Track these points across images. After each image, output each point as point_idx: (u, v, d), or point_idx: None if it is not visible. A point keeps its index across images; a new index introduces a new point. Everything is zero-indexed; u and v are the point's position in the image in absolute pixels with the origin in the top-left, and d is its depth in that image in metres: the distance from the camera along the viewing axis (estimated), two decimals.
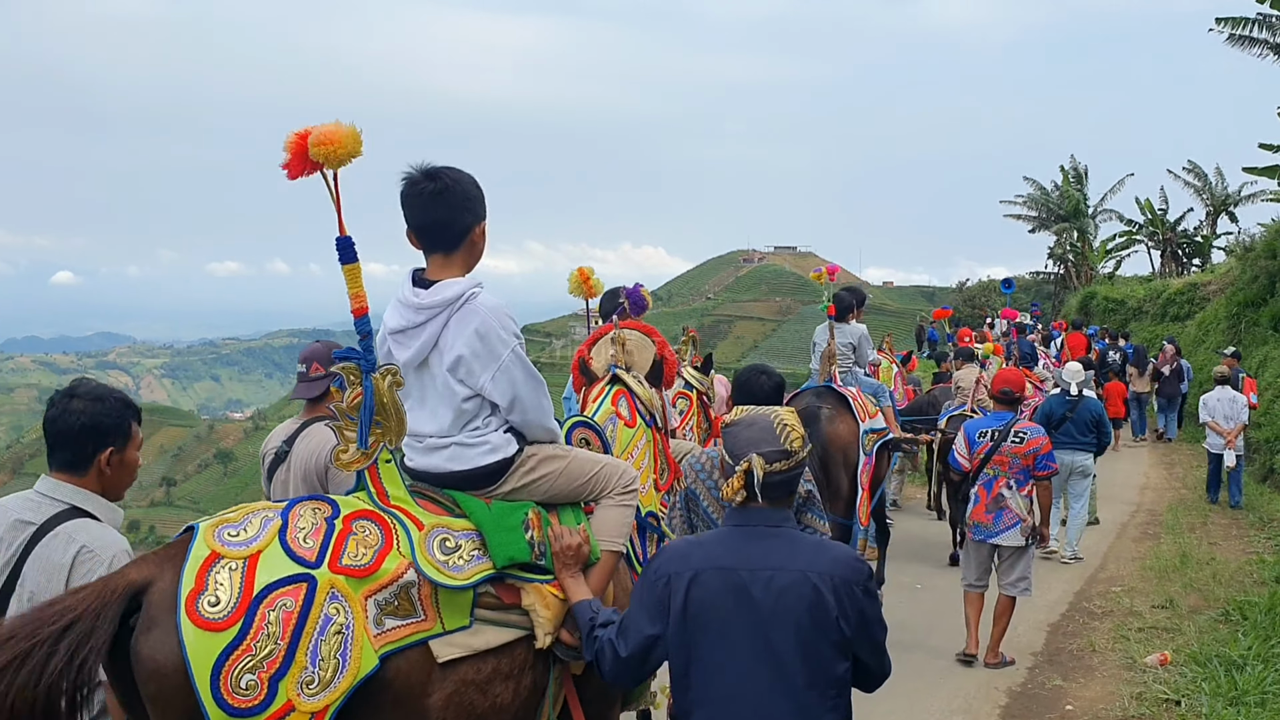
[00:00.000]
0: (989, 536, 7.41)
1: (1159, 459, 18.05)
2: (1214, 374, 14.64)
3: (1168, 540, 11.26)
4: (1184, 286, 30.59)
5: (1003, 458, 7.50)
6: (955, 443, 8.03)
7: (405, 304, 3.23)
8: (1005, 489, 7.48)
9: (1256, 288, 22.70)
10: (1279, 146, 20.11)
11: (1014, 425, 7.62)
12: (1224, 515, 12.68)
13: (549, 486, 3.40)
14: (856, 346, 9.07)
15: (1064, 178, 41.27)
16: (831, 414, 8.16)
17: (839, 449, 7.99)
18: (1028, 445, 7.48)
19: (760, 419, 2.94)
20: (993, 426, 7.68)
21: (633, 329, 4.70)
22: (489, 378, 3.20)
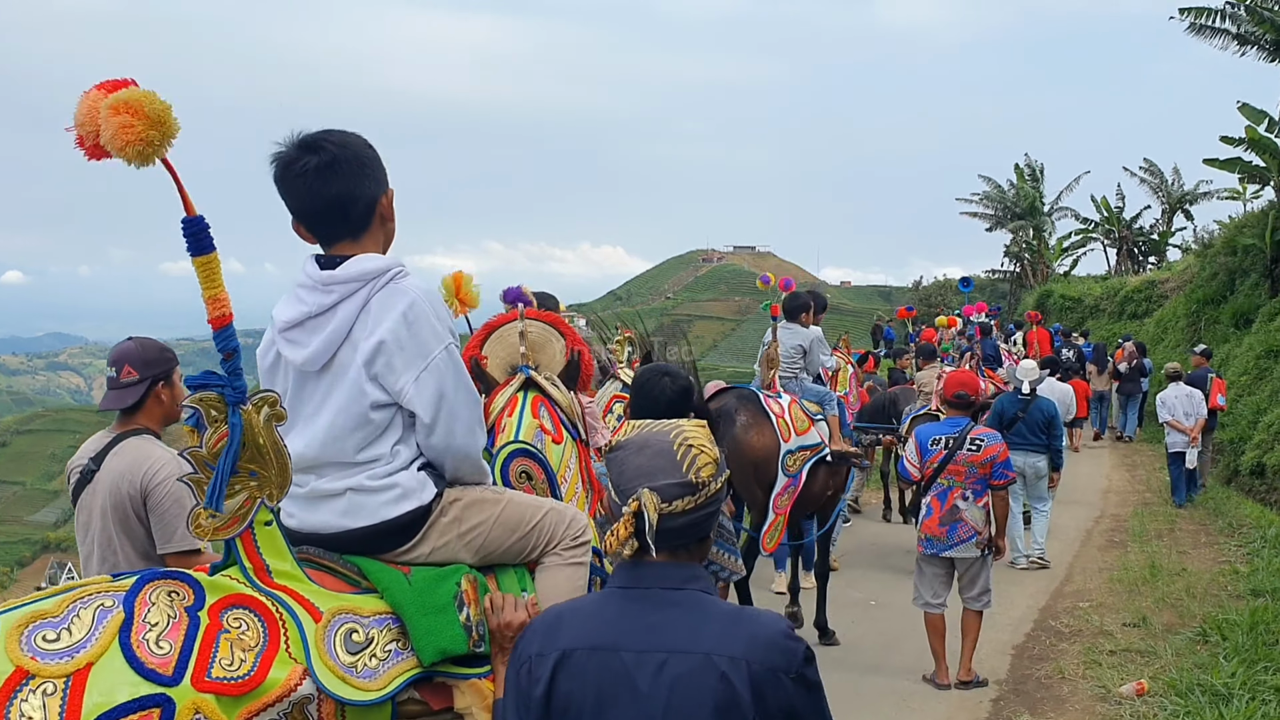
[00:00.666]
0: (942, 550, 6.80)
1: (1120, 460, 17.54)
2: (1166, 370, 14.13)
3: (1135, 549, 10.65)
4: (1141, 284, 30.34)
5: (958, 467, 6.85)
6: (905, 450, 7.36)
7: (308, 285, 2.48)
8: (960, 500, 6.83)
9: (1216, 285, 22.40)
10: (1240, 140, 19.71)
11: (970, 432, 6.90)
12: (1191, 521, 12.11)
13: (480, 543, 2.62)
14: (807, 351, 8.33)
15: (1019, 175, 40.98)
16: (749, 422, 7.38)
17: (749, 462, 7.20)
18: (985, 453, 6.84)
19: (655, 439, 2.10)
20: (946, 433, 7.01)
21: (534, 319, 3.82)
22: (412, 379, 2.44)
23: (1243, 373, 17.20)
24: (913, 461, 7.10)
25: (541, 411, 3.56)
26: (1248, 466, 14.68)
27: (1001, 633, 7.80)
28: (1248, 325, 19.41)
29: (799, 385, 8.25)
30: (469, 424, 2.58)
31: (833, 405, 8.31)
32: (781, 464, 7.43)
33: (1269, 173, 20.04)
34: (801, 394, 8.09)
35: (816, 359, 8.50)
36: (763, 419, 7.38)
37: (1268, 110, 19.59)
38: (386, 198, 2.57)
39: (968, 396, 7.17)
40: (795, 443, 7.49)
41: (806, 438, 7.65)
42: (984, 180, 42.44)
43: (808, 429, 7.72)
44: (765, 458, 7.30)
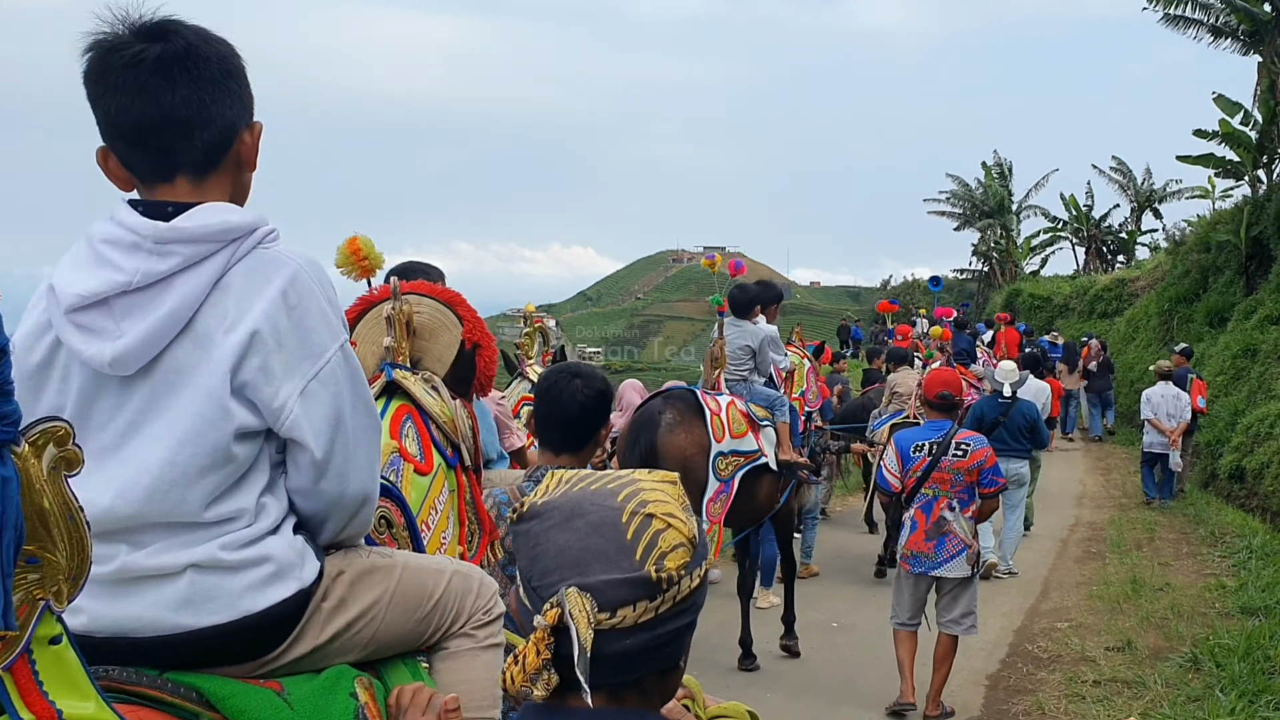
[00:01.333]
0: (930, 568, 6.10)
1: (1094, 463, 16.96)
2: (1155, 369, 13.55)
3: (1114, 560, 10.00)
4: (1111, 282, 29.92)
5: (943, 474, 6.18)
6: (884, 458, 6.65)
7: (124, 243, 1.64)
8: (947, 511, 6.16)
9: (1188, 283, 21.93)
10: (1213, 133, 19.23)
11: (955, 436, 6.25)
12: (1171, 529, 11.49)
13: (372, 632, 1.84)
14: (757, 350, 7.61)
15: (987, 174, 40.57)
16: (674, 421, 6.66)
17: (674, 465, 6.41)
18: (972, 458, 6.18)
19: (593, 504, 1.29)
20: (930, 438, 6.32)
21: (420, 294, 2.85)
22: (296, 391, 1.66)
23: (1219, 372, 16.67)
24: (893, 471, 6.41)
25: (405, 429, 2.65)
26: (1226, 470, 14.12)
27: (974, 659, 7.10)
28: (1222, 324, 18.91)
29: (747, 388, 7.53)
30: (369, 458, 1.81)
31: (783, 411, 7.60)
32: (712, 466, 6.70)
33: (1243, 168, 19.59)
34: (750, 397, 7.39)
35: (768, 360, 7.81)
36: (693, 417, 6.69)
37: (1242, 102, 19.13)
38: (252, 133, 1.79)
39: (952, 397, 6.49)
40: (728, 445, 6.76)
41: (742, 442, 6.92)
42: (952, 179, 42.03)
43: (745, 433, 7.00)
44: (694, 458, 6.59)
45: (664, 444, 6.51)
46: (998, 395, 10.13)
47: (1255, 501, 13.10)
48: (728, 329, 7.45)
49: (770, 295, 8.31)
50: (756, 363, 7.59)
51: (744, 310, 7.60)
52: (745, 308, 7.59)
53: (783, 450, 7.27)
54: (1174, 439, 12.82)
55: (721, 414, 6.79)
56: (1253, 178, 19.54)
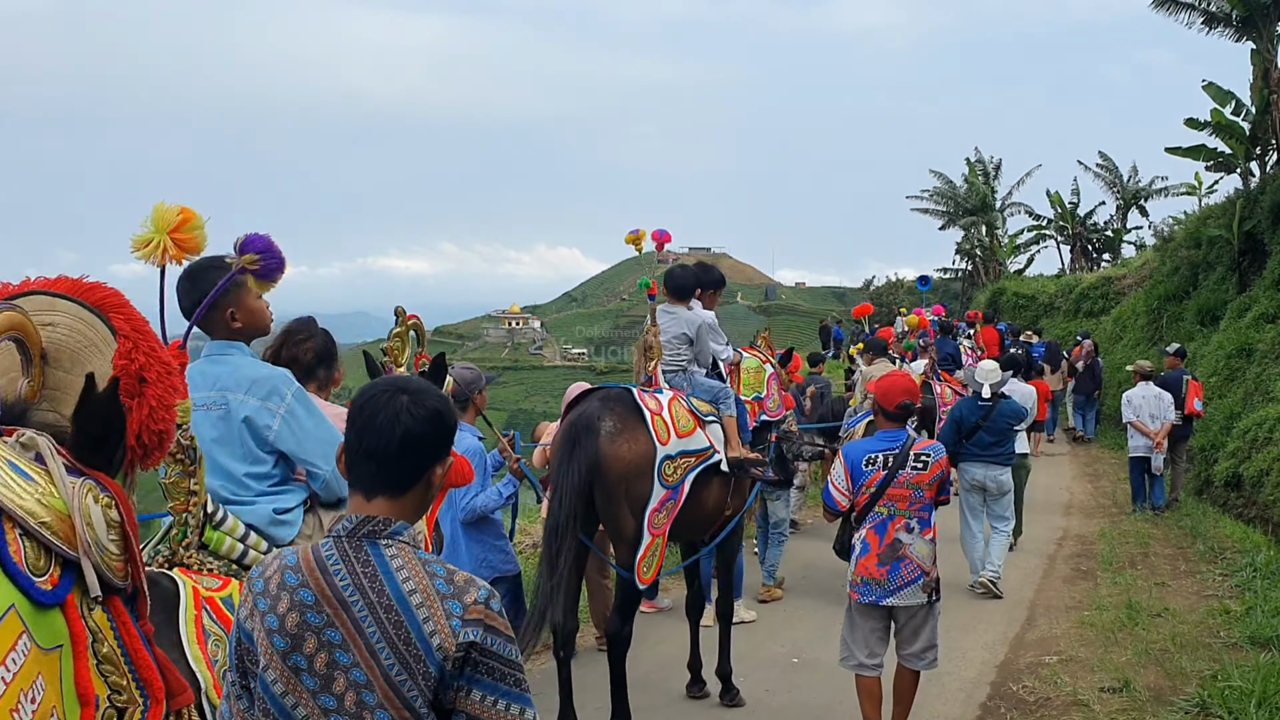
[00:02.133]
0: (883, 597, 5.34)
1: (1081, 469, 16.13)
2: (1136, 368, 12.72)
3: (1106, 580, 9.15)
4: (1098, 280, 29.18)
5: (900, 490, 5.43)
6: (831, 472, 5.81)
7: None
8: (904, 532, 5.42)
9: (1178, 280, 21.17)
10: (1204, 124, 18.41)
11: (913, 446, 5.50)
12: (1166, 543, 10.64)
13: None
14: (694, 339, 6.76)
15: (970, 170, 39.77)
16: (615, 429, 5.86)
17: (618, 477, 5.74)
18: (932, 470, 5.46)
19: None
20: (884, 449, 5.55)
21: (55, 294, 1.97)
22: None
23: (1212, 373, 15.86)
24: (841, 487, 5.61)
25: None
26: (1222, 477, 13.31)
27: (951, 703, 6.23)
28: (1214, 322, 18.13)
29: (688, 379, 6.76)
30: None
31: (730, 404, 6.76)
32: (658, 472, 5.88)
33: (1235, 159, 18.79)
34: (691, 389, 6.64)
35: (707, 349, 6.97)
36: (634, 420, 5.89)
37: (1235, 91, 18.33)
38: None
39: (911, 406, 5.71)
40: (675, 446, 5.97)
41: (690, 440, 6.13)
42: (935, 175, 41.22)
43: (692, 430, 6.18)
44: (638, 467, 5.80)
45: (607, 455, 5.73)
46: (977, 397, 9.29)
47: (1254, 511, 12.29)
48: (661, 316, 6.67)
49: (710, 279, 7.46)
50: (695, 352, 6.79)
51: (681, 294, 6.81)
52: (683, 292, 6.80)
53: (731, 447, 6.53)
54: (1158, 441, 12.03)
55: (663, 413, 6.02)
56: (1244, 170, 18.75)
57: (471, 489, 5.93)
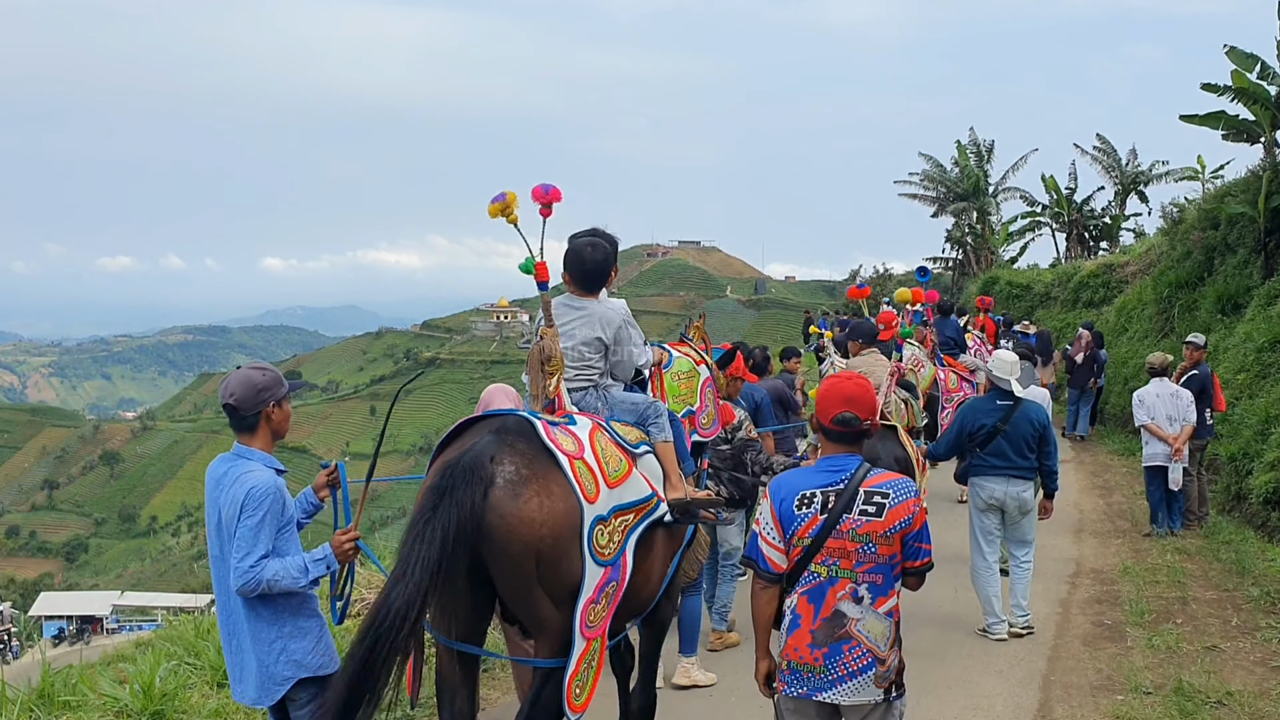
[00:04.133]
0: (817, 689, 3.73)
1: (1089, 480, 14.04)
2: (1150, 362, 10.63)
3: (1139, 641, 7.06)
4: (1098, 268, 27.15)
5: (843, 543, 3.79)
6: (757, 517, 4.02)
7: None
8: (849, 601, 3.77)
9: (1190, 265, 19.10)
10: (1225, 88, 16.33)
11: (863, 479, 3.84)
12: (1206, 582, 8.55)
13: None
14: (613, 343, 4.93)
15: (961, 153, 37.67)
16: (517, 477, 4.01)
17: (525, 551, 3.94)
18: (891, 516, 3.80)
19: None
20: (823, 485, 3.87)
21: None
22: None
23: (1239, 369, 13.78)
24: (772, 539, 3.86)
25: None
26: (1260, 493, 11.20)
27: None
28: (1236, 311, 16.05)
29: (603, 397, 4.89)
30: None
31: (663, 424, 4.92)
32: (588, 543, 4.05)
33: (1258, 128, 16.70)
34: (610, 411, 4.86)
35: (630, 355, 5.06)
36: (544, 467, 4.07)
37: (1260, 55, 16.25)
38: None
39: (857, 421, 3.92)
40: (608, 500, 4.18)
41: (626, 489, 4.34)
42: (925, 159, 39.13)
43: (626, 473, 4.36)
44: (558, 537, 3.99)
45: (508, 518, 3.91)
46: (995, 394, 7.41)
47: None
48: (562, 313, 4.87)
49: (615, 251, 5.44)
50: (613, 361, 4.93)
51: (592, 281, 4.94)
52: (594, 278, 4.94)
53: (671, 485, 4.80)
54: (1177, 447, 9.98)
55: (585, 454, 4.23)
56: (1270, 139, 16.67)
57: (254, 546, 3.87)
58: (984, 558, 7.53)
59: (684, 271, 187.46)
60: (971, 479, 7.56)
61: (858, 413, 3.85)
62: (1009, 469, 7.30)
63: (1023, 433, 7.28)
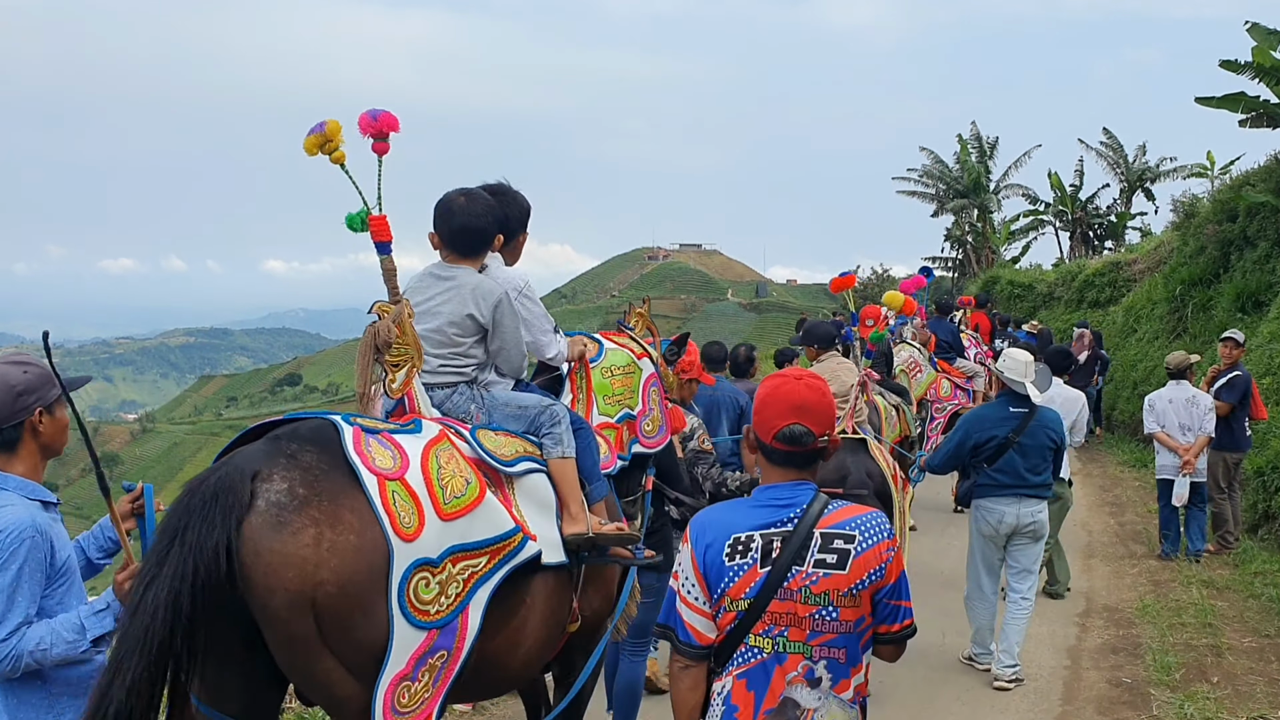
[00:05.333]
0: None
1: (1098, 494, 12.70)
2: (1170, 363, 9.31)
3: (1167, 708, 5.73)
4: (1104, 266, 25.74)
5: (792, 605, 2.72)
6: (675, 570, 2.86)
7: None
8: (803, 686, 2.69)
9: (1205, 260, 17.73)
10: (1245, 65, 15.02)
11: (820, 518, 2.75)
12: (1241, 625, 7.22)
13: None
14: (489, 325, 3.87)
15: (963, 148, 36.34)
16: (283, 505, 2.85)
17: (297, 599, 2.79)
18: (858, 567, 2.72)
19: None
20: (765, 524, 2.77)
21: None
22: None
23: (1264, 372, 12.40)
24: (695, 601, 2.80)
25: None
26: None
27: None
28: (1259, 309, 14.71)
29: (478, 398, 3.88)
30: None
31: (562, 433, 3.87)
32: (399, 596, 2.95)
33: None
34: (488, 415, 3.84)
35: (517, 340, 3.99)
36: (335, 488, 2.95)
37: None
38: None
39: (810, 437, 2.80)
40: (439, 538, 3.10)
41: (474, 522, 3.24)
42: (925, 153, 37.78)
43: (475, 500, 3.24)
44: (343, 586, 2.87)
45: (258, 561, 2.80)
46: (1006, 400, 6.35)
47: None
48: (427, 284, 3.86)
49: (517, 210, 4.20)
50: (494, 348, 3.91)
51: (470, 243, 3.90)
52: (473, 239, 3.91)
53: (570, 516, 3.73)
54: (1187, 459, 8.72)
55: (407, 473, 3.11)
56: None
57: (7, 612, 2.83)
58: (982, 589, 6.43)
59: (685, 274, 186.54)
60: (976, 501, 6.36)
61: (811, 425, 2.71)
62: (1021, 488, 6.17)
63: (1040, 445, 6.18)
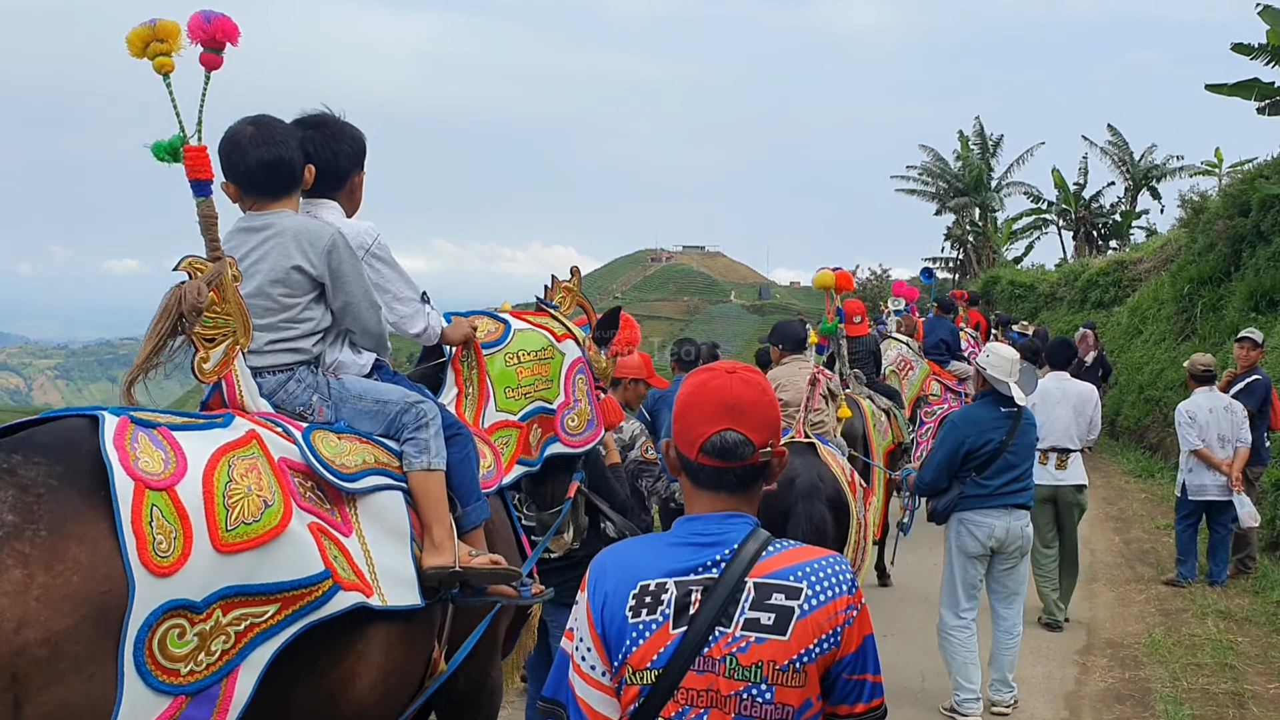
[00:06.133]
0: None
1: (1101, 508, 11.76)
2: (1193, 366, 8.38)
3: None
4: (1108, 265, 24.88)
5: (712, 680, 1.89)
6: (571, 623, 2.07)
7: None
8: None
9: (1215, 258, 16.82)
10: (1259, 48, 14.11)
11: (757, 563, 1.94)
12: (1266, 666, 6.30)
13: None
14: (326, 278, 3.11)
15: (963, 145, 35.42)
16: None
17: None
18: (803, 631, 1.88)
19: None
20: (683, 569, 1.97)
21: None
22: None
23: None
24: (587, 667, 2.00)
25: None
26: None
27: None
28: (1272, 309, 13.79)
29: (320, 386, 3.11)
30: None
31: (427, 442, 3.10)
32: (134, 648, 2.22)
33: None
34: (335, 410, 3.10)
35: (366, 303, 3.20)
36: (63, 507, 2.22)
37: None
38: None
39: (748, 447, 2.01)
40: (209, 573, 2.40)
41: (263, 558, 2.51)
42: (925, 150, 36.87)
43: (268, 531, 2.53)
44: (55, 641, 2.12)
45: None
46: (995, 400, 5.58)
47: None
48: (238, 241, 3.04)
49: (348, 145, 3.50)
50: (336, 308, 3.11)
51: (266, 182, 3.06)
52: (268, 174, 3.07)
53: (431, 545, 3.01)
54: (1236, 476, 7.75)
55: (180, 482, 2.41)
56: None
57: None
58: (959, 616, 5.57)
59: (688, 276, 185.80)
60: (961, 515, 5.54)
61: (748, 432, 2.00)
62: (1009, 497, 5.46)
63: (1028, 448, 5.60)
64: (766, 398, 2.05)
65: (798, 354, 6.52)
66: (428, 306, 3.44)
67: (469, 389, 3.75)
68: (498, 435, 3.79)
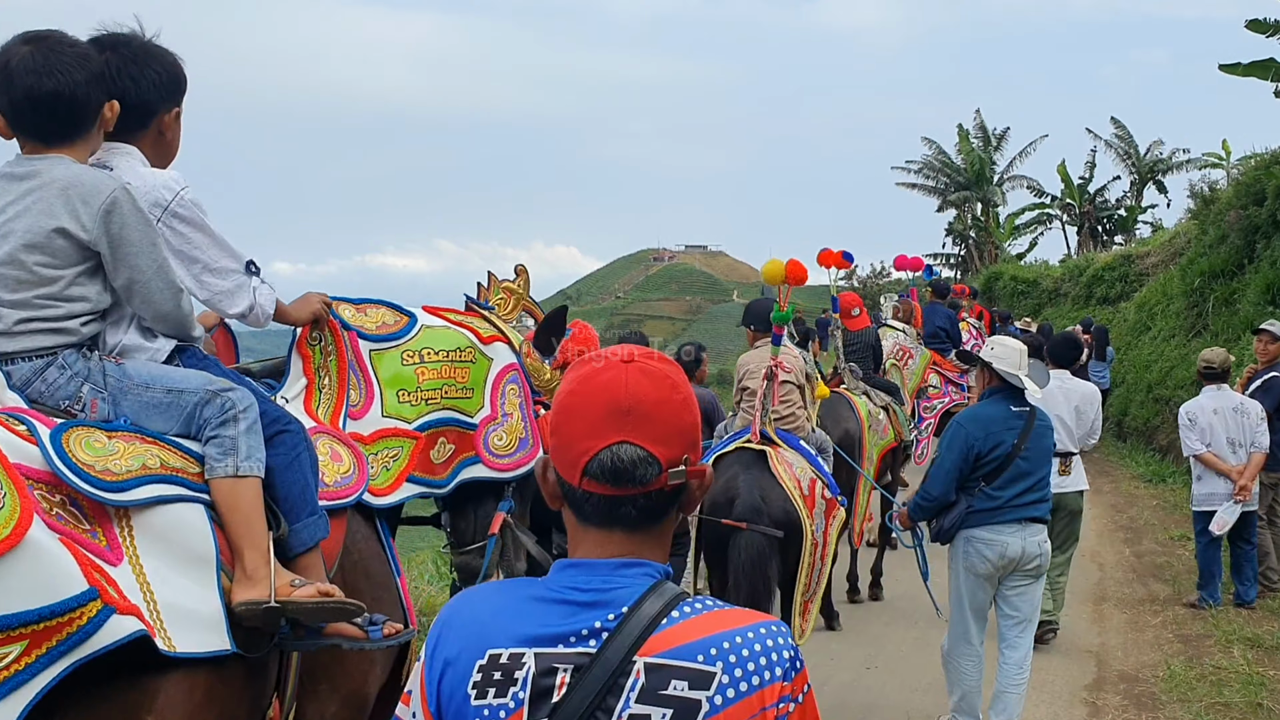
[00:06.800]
0: None
1: (1110, 517, 10.99)
2: (1204, 361, 7.59)
3: None
4: (1114, 260, 24.13)
5: None
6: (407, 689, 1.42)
7: None
8: None
9: (1227, 250, 16.07)
10: (1273, 26, 13.34)
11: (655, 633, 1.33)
12: None
13: None
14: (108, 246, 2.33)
15: (964, 138, 34.66)
16: None
17: None
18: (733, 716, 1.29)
19: None
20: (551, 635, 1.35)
21: None
22: None
23: None
24: None
25: None
26: None
27: None
28: None
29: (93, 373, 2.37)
30: None
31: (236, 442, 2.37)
32: None
33: None
34: (113, 403, 2.36)
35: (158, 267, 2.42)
36: None
37: None
38: None
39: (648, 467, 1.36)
40: None
41: None
42: (926, 143, 36.13)
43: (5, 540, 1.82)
44: None
45: None
46: (1006, 398, 4.87)
47: None
48: (4, 179, 2.34)
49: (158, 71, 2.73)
50: (119, 285, 2.38)
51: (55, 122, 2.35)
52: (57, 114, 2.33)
53: (244, 573, 2.31)
54: (1242, 484, 6.97)
55: None
56: None
57: None
58: (969, 642, 4.87)
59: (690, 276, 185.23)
60: (969, 531, 4.80)
61: (651, 446, 1.38)
62: (1025, 509, 4.76)
63: (1044, 453, 4.91)
64: (677, 396, 1.41)
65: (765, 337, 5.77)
66: (255, 279, 2.67)
67: (324, 380, 3.03)
68: (382, 445, 3.08)
